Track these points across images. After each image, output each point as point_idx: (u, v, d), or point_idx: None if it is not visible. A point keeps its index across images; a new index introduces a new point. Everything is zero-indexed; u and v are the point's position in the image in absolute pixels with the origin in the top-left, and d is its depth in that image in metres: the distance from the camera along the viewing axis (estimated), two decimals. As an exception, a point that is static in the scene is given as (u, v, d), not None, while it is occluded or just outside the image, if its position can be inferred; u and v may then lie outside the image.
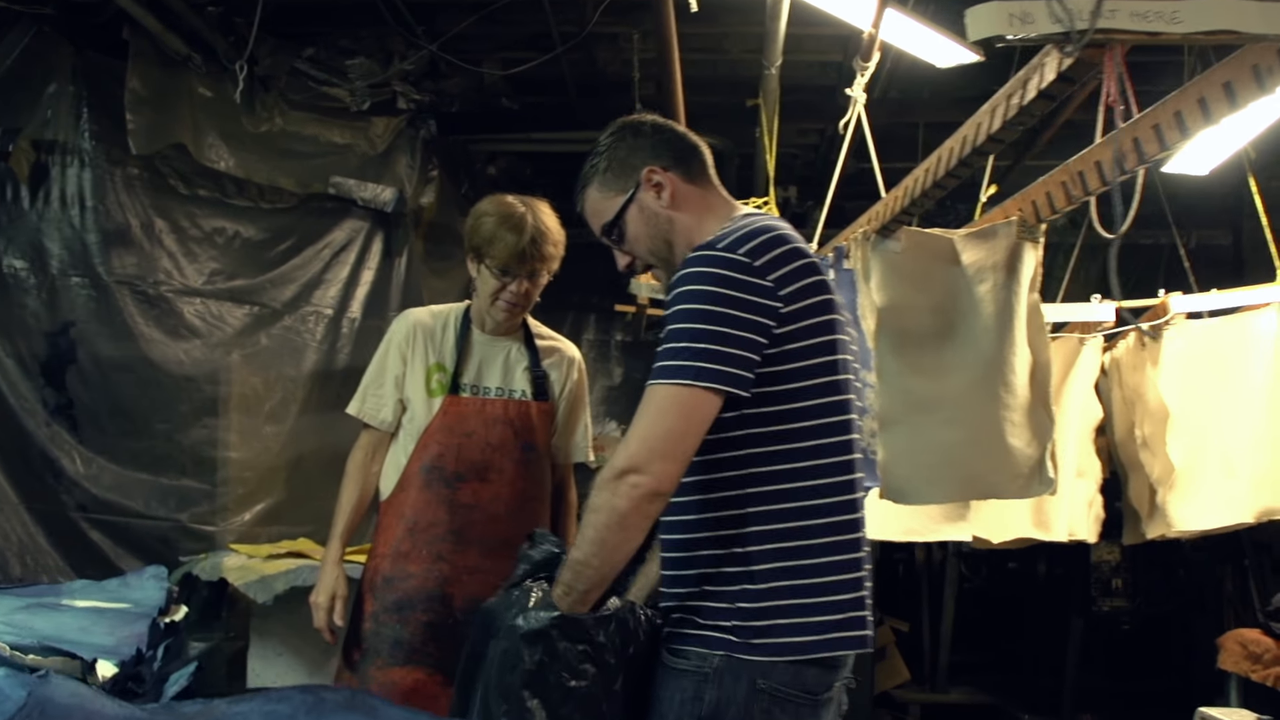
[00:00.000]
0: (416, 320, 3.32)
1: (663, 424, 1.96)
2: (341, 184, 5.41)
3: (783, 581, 2.04)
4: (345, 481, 3.33)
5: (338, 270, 5.49)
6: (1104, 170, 3.15)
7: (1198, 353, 5.07)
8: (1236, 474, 4.97)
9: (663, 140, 2.26)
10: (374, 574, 3.21)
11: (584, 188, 2.30)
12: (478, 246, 3.17)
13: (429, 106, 5.73)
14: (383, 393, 3.30)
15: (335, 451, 5.48)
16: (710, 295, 1.99)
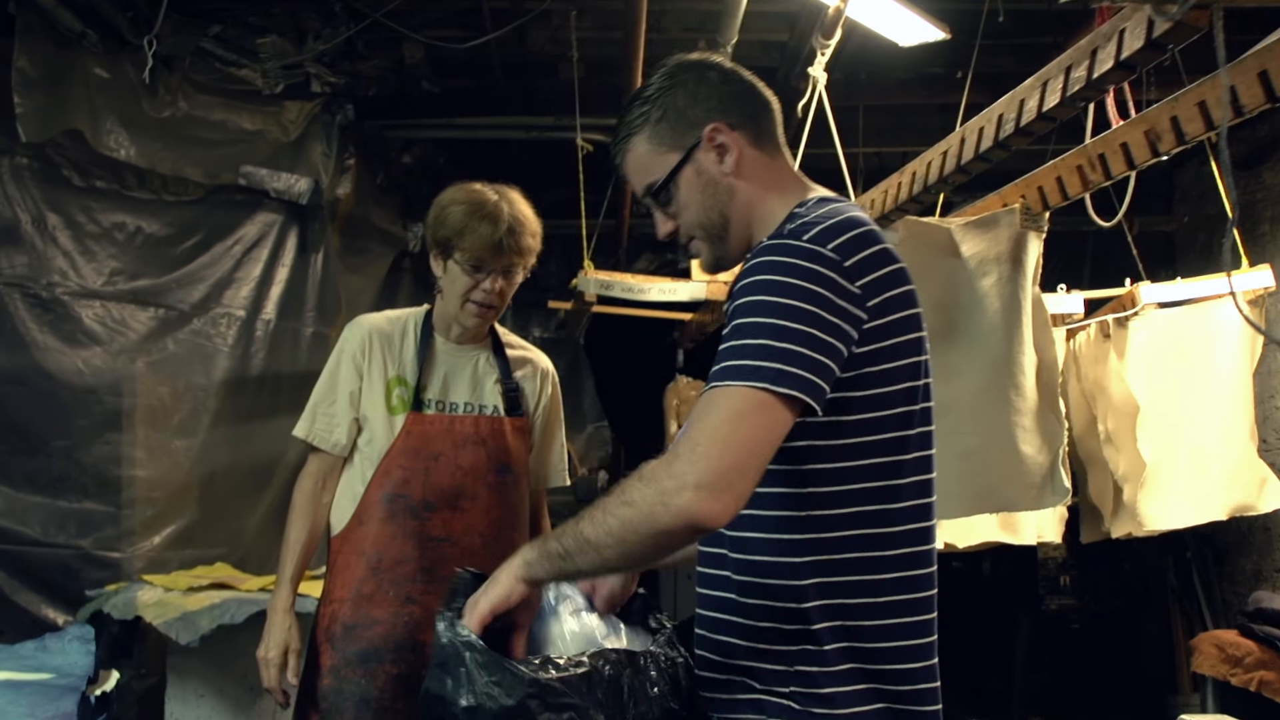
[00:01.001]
0: (372, 327, 2.92)
1: (739, 430, 1.58)
2: (252, 174, 4.96)
3: (848, 643, 1.73)
4: (292, 515, 2.91)
5: (250, 268, 5.03)
6: (1131, 153, 2.90)
7: (1163, 344, 4.93)
8: (1208, 470, 4.84)
9: (732, 92, 1.90)
10: (331, 621, 2.81)
11: (628, 136, 1.92)
12: (445, 239, 2.80)
13: (345, 90, 5.30)
14: (334, 411, 2.88)
15: (251, 466, 5.09)
16: (793, 290, 1.65)
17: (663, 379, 7.48)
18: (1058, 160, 3.20)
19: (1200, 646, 4.94)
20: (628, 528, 1.61)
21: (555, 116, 5.64)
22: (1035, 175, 3.30)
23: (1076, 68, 2.43)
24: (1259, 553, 6.23)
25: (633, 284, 4.90)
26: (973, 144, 2.89)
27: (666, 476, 1.57)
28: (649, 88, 1.92)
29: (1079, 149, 3.10)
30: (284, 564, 2.87)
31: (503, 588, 1.76)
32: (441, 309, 2.91)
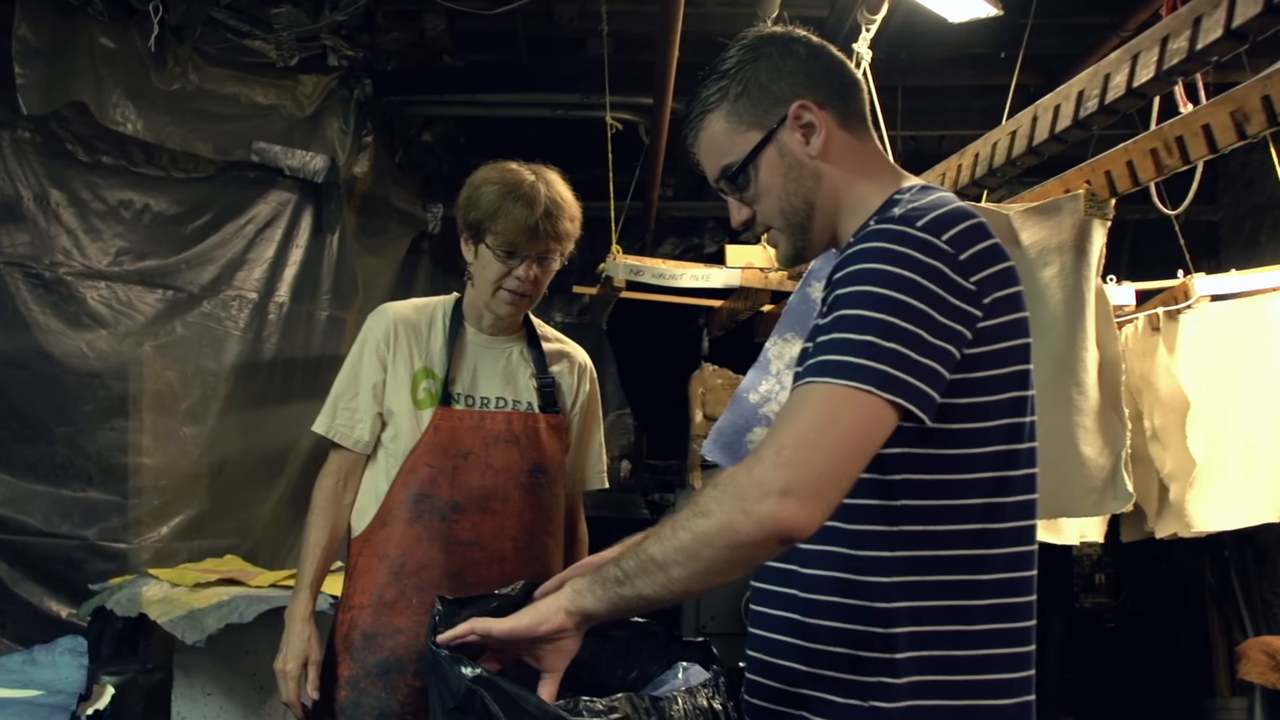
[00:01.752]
0: (397, 316, 2.72)
1: (833, 433, 1.41)
2: (266, 150, 4.76)
3: (934, 676, 1.54)
4: (312, 517, 2.70)
5: (263, 249, 4.84)
6: (1214, 136, 2.67)
7: (1214, 338, 4.73)
8: (1259, 469, 4.63)
9: (820, 67, 1.71)
10: (350, 629, 2.61)
11: (703, 113, 1.73)
12: (477, 222, 2.59)
13: (363, 63, 5.10)
14: (357, 405, 2.67)
15: (263, 454, 4.90)
16: (906, 284, 1.47)
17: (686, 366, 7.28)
18: (1129, 143, 2.98)
19: (1248, 653, 4.73)
20: (701, 541, 1.43)
21: (582, 94, 5.43)
22: (1102, 159, 3.07)
23: (1175, 38, 2.20)
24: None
25: (664, 269, 4.69)
26: (1047, 123, 2.67)
27: (748, 482, 1.39)
28: (727, 61, 1.72)
29: (1153, 131, 2.88)
30: (303, 569, 2.67)
31: (533, 615, 1.57)
32: (472, 297, 2.70)
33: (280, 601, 3.79)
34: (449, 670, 1.59)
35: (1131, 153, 3.00)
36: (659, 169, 5.56)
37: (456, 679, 1.59)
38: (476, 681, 1.55)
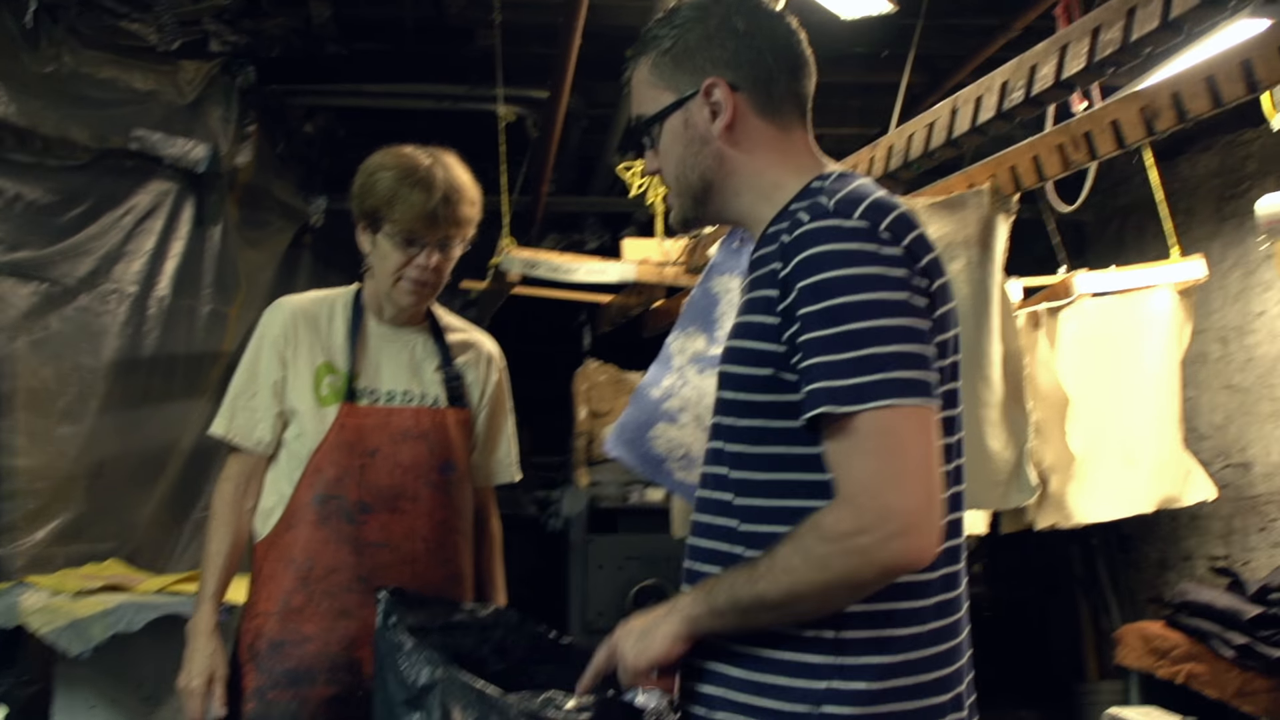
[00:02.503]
0: (296, 309, 2.65)
1: (913, 459, 1.44)
2: (145, 138, 4.56)
3: (882, 683, 1.53)
4: (213, 524, 2.62)
5: (142, 240, 4.63)
6: (1123, 132, 2.74)
7: (1093, 334, 4.88)
8: (1136, 461, 4.79)
9: (752, 48, 1.68)
10: (255, 638, 2.53)
11: (639, 55, 1.75)
12: (373, 210, 2.54)
13: (246, 50, 4.93)
14: (256, 405, 2.60)
15: (144, 454, 4.70)
16: (874, 281, 1.48)
17: (567, 363, 7.24)
18: (1035, 139, 3.04)
19: (1125, 638, 4.88)
20: (820, 590, 1.47)
21: (470, 86, 5.35)
22: (1008, 154, 3.13)
23: (1108, 28, 2.23)
24: (1165, 541, 6.24)
25: (559, 263, 4.64)
26: (968, 115, 2.69)
27: (858, 533, 1.42)
28: (680, 10, 1.71)
29: (1060, 127, 2.94)
30: (205, 579, 2.58)
31: (660, 646, 1.57)
32: (372, 288, 2.66)
33: (170, 608, 3.66)
34: (409, 661, 1.55)
35: (1038, 148, 3.06)
36: (550, 163, 5.51)
37: (415, 671, 1.55)
38: (439, 675, 1.52)
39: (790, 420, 1.54)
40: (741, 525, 1.61)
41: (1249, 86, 2.52)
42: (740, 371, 1.61)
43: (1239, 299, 5.60)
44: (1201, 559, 5.87)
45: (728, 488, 1.64)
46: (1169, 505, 4.83)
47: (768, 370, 1.56)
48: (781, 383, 1.55)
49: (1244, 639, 4.18)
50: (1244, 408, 5.57)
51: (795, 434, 1.54)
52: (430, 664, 1.55)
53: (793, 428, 1.54)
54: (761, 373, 1.57)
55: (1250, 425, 5.52)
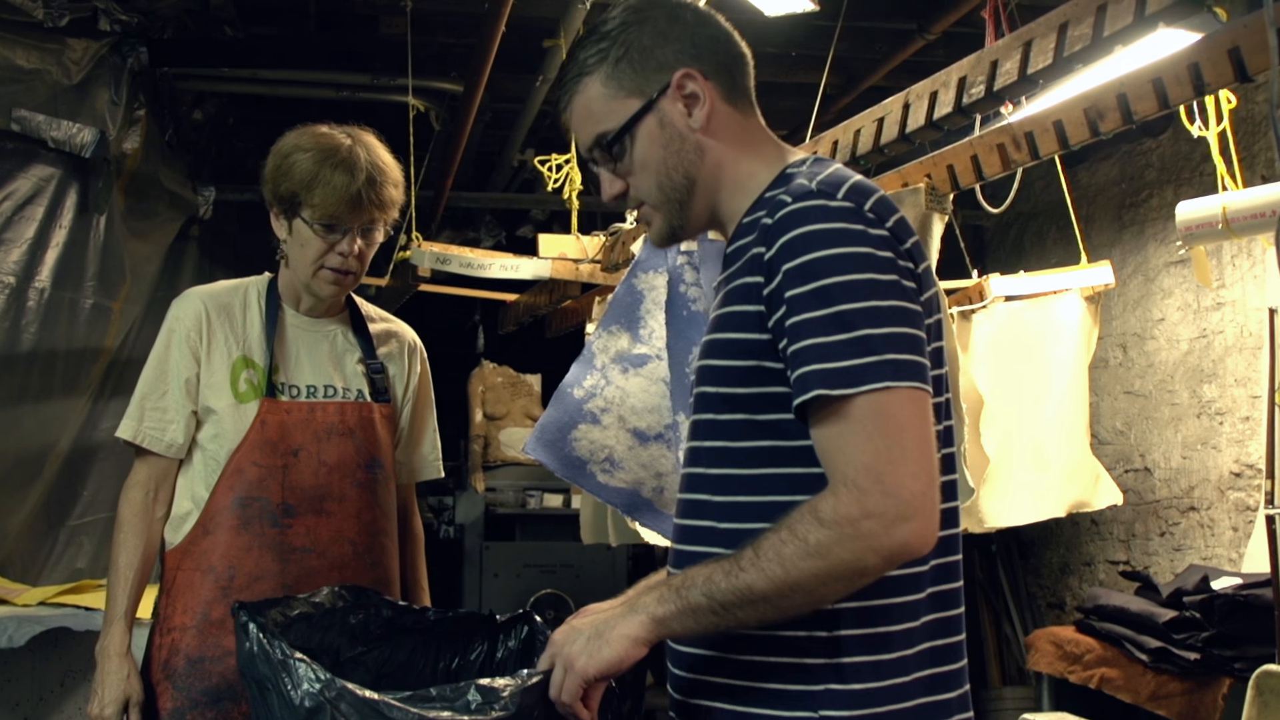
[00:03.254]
0: (207, 299, 2.47)
1: (912, 442, 1.38)
2: (28, 120, 4.27)
3: (881, 682, 1.46)
4: (119, 535, 2.41)
5: (22, 228, 4.31)
6: (1066, 131, 2.70)
7: (1005, 338, 4.91)
8: (1048, 465, 4.82)
9: (707, 36, 1.63)
10: (170, 654, 2.34)
11: (579, 76, 1.63)
12: (290, 194, 2.37)
13: (137, 30, 4.66)
14: (167, 404, 2.41)
15: (18, 456, 4.39)
16: (869, 260, 1.43)
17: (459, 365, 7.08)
18: (974, 138, 2.99)
19: (1036, 644, 4.89)
20: (817, 579, 1.37)
21: (373, 75, 5.15)
22: (945, 153, 3.08)
23: (1076, 24, 2.19)
24: (1066, 546, 6.31)
25: (471, 259, 4.48)
26: (922, 109, 2.62)
27: (862, 517, 1.34)
28: (608, 22, 1.63)
29: (1001, 126, 2.89)
30: (114, 597, 2.37)
31: (616, 650, 1.43)
32: (288, 277, 2.49)
33: (54, 622, 3.42)
34: (294, 679, 1.40)
35: (977, 147, 3.01)
36: (458, 157, 5.34)
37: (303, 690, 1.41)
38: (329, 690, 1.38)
39: (774, 413, 1.48)
40: (721, 524, 1.54)
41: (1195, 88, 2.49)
42: (721, 364, 1.54)
43: (1139, 306, 5.68)
44: (1103, 563, 5.94)
45: (705, 487, 1.57)
46: (1079, 509, 4.86)
47: (751, 361, 1.49)
48: (766, 373, 1.48)
49: (1158, 643, 4.19)
50: (1144, 413, 5.64)
51: (779, 427, 1.48)
52: (320, 678, 1.40)
53: (776, 420, 1.48)
54: (744, 364, 1.50)
55: (1150, 431, 5.59)
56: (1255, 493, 4.85)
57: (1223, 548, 5.10)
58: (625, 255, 4.21)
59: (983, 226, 6.99)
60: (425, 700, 1.36)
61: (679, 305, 3.29)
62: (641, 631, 1.43)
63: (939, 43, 4.85)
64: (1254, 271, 4.91)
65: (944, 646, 1.53)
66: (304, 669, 1.38)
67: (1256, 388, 4.84)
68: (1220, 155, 3.86)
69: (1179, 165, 5.46)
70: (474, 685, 1.39)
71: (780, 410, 1.47)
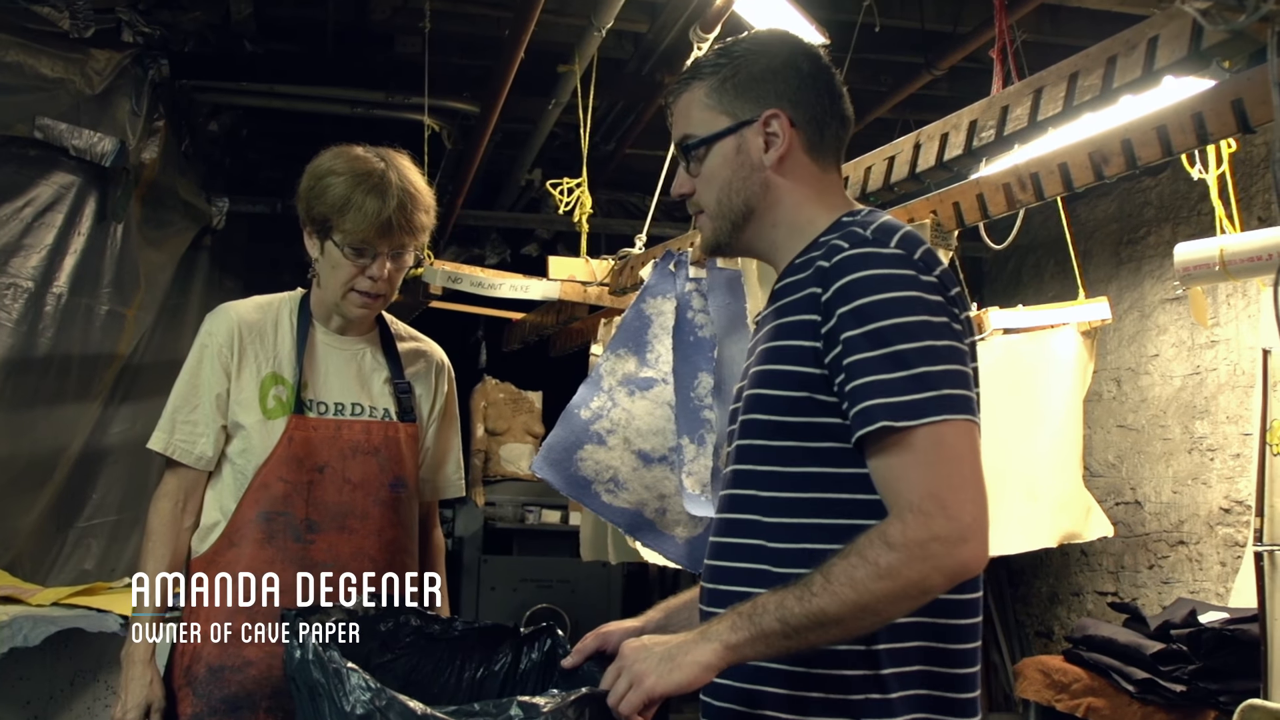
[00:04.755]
0: (240, 317, 2.50)
1: (969, 470, 1.50)
2: (50, 128, 4.33)
3: (922, 690, 1.57)
4: (149, 544, 2.45)
5: (41, 234, 4.37)
6: (1070, 174, 2.78)
7: (999, 370, 4.98)
8: (1039, 497, 4.89)
9: (813, 88, 1.75)
10: (193, 661, 2.38)
11: (691, 79, 1.78)
12: (323, 217, 2.40)
13: (159, 42, 4.73)
14: (198, 418, 2.46)
15: (31, 458, 4.46)
16: (920, 304, 1.54)
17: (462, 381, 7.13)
18: (981, 177, 3.08)
19: (1025, 671, 4.97)
20: (887, 599, 1.47)
21: (388, 93, 5.23)
22: (951, 191, 3.16)
23: (1087, 75, 2.27)
24: (1055, 576, 6.38)
25: (482, 278, 4.56)
26: (933, 150, 2.71)
27: (929, 540, 1.44)
28: (740, 43, 1.78)
29: (1009, 168, 2.97)
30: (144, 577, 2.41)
31: (687, 675, 1.51)
32: (319, 296, 2.52)
33: (68, 623, 3.48)
34: (346, 687, 1.47)
35: (983, 186, 3.09)
36: (470, 176, 5.41)
37: (355, 698, 1.47)
38: (379, 699, 1.44)
39: (825, 441, 1.58)
40: (770, 543, 1.63)
41: (1199, 137, 2.58)
42: (773, 394, 1.64)
43: (1134, 341, 5.77)
44: (1091, 594, 6.02)
45: (756, 508, 1.66)
46: (1070, 540, 4.94)
47: (804, 393, 1.60)
48: (818, 404, 1.59)
49: (1145, 674, 4.27)
50: (1136, 447, 5.73)
51: (829, 454, 1.58)
52: (369, 687, 1.47)
53: (827, 448, 1.58)
54: (797, 395, 1.60)
55: (1142, 464, 5.68)
56: (1244, 529, 4.93)
57: (1210, 582, 5.18)
58: (633, 279, 4.29)
59: (981, 258, 7.08)
60: (470, 715, 1.43)
61: (686, 331, 3.37)
62: (714, 659, 1.51)
63: (946, 78, 4.94)
64: (1248, 311, 5.00)
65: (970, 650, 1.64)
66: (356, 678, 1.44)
67: (1248, 425, 4.93)
68: (1219, 198, 3.95)
69: (1177, 204, 5.55)
70: (516, 702, 1.45)
71: (830, 439, 1.58)
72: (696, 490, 3.14)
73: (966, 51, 4.57)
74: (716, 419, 3.19)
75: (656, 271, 3.50)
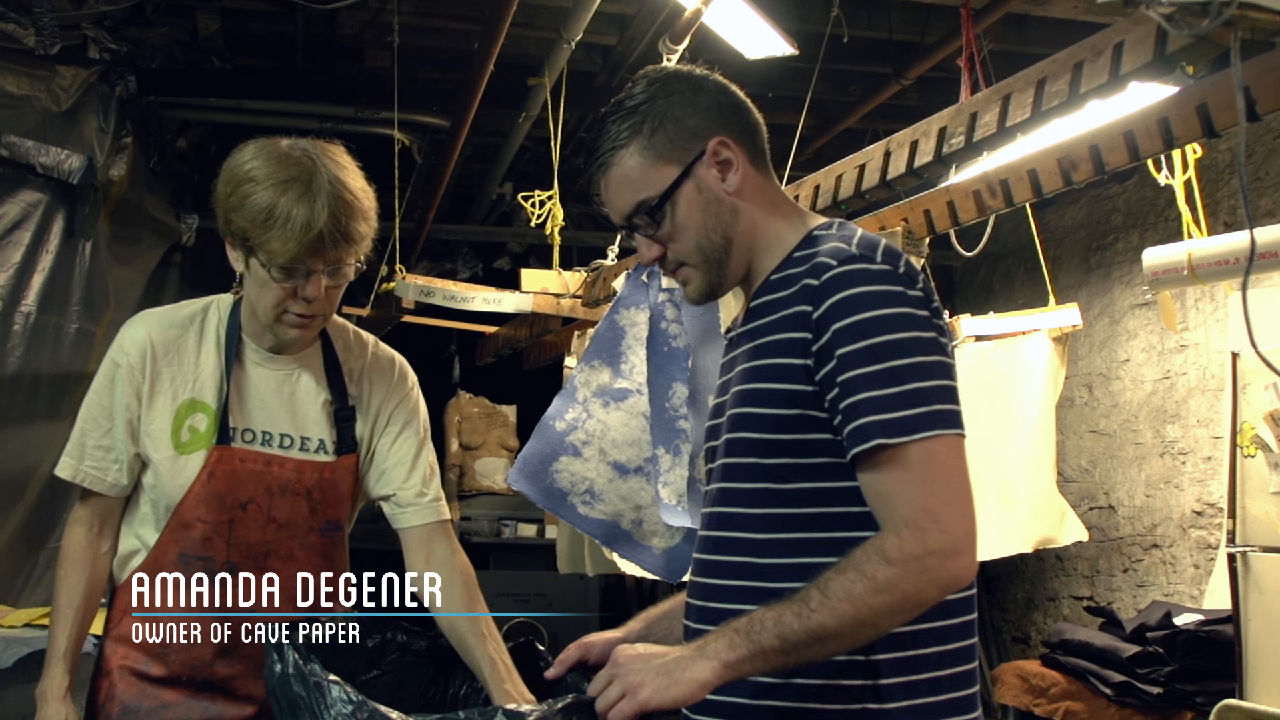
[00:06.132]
0: (155, 335, 2.15)
1: (960, 485, 1.51)
2: (17, 145, 4.32)
3: (918, 699, 1.57)
4: (62, 573, 2.19)
5: (9, 253, 4.35)
6: (1040, 180, 2.80)
7: (972, 377, 5.00)
8: (1014, 502, 4.91)
9: (731, 104, 1.72)
10: (106, 699, 2.16)
11: (614, 149, 1.69)
12: (243, 231, 2.01)
13: (126, 59, 4.71)
14: (110, 443, 2.16)
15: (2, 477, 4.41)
16: (910, 319, 1.54)
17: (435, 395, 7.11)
18: (951, 184, 3.09)
19: (1002, 677, 4.98)
20: (884, 613, 1.48)
21: (357, 108, 5.23)
22: (921, 199, 3.18)
23: (1054, 80, 2.29)
24: (1031, 581, 6.41)
25: (455, 292, 4.55)
26: (903, 158, 2.72)
27: (925, 554, 1.47)
28: (632, 98, 1.71)
29: (979, 175, 2.99)
30: (54, 638, 2.15)
31: (683, 692, 1.49)
32: (249, 312, 2.16)
33: (41, 644, 3.39)
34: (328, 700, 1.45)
35: (953, 193, 3.11)
36: (441, 190, 5.40)
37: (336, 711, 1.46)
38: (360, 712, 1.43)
39: (818, 456, 1.58)
40: (762, 559, 1.63)
41: (1165, 142, 2.60)
42: (762, 412, 1.63)
43: (1104, 346, 5.80)
44: (1067, 599, 6.04)
45: (744, 526, 1.65)
46: (1045, 545, 4.96)
47: (795, 410, 1.59)
48: (810, 421, 1.59)
49: (1122, 677, 4.29)
50: (1109, 452, 5.76)
51: (823, 469, 1.58)
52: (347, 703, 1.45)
53: (821, 463, 1.58)
54: (788, 413, 1.60)
55: (1115, 469, 5.71)
56: (1216, 531, 4.96)
57: (1184, 584, 5.21)
58: (606, 291, 4.29)
59: (952, 266, 7.12)
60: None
61: (660, 341, 3.37)
62: (712, 678, 1.49)
63: (914, 87, 4.97)
64: (1216, 315, 5.04)
65: (967, 648, 1.63)
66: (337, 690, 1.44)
67: (1218, 429, 4.97)
68: (1186, 203, 3.98)
69: (1144, 210, 5.60)
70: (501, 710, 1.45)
71: (824, 455, 1.58)
72: (673, 500, 3.13)
73: (934, 61, 4.59)
74: (692, 429, 3.18)
75: (629, 283, 3.49)
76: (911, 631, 1.56)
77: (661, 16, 4.30)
